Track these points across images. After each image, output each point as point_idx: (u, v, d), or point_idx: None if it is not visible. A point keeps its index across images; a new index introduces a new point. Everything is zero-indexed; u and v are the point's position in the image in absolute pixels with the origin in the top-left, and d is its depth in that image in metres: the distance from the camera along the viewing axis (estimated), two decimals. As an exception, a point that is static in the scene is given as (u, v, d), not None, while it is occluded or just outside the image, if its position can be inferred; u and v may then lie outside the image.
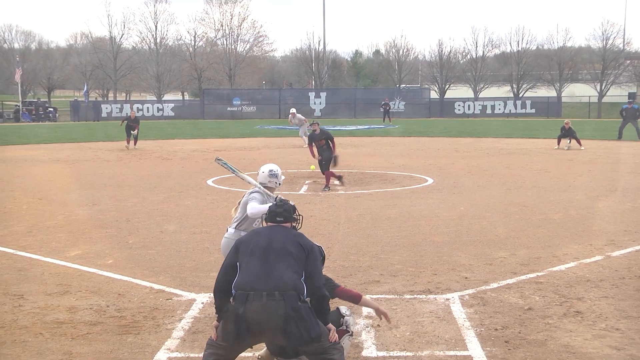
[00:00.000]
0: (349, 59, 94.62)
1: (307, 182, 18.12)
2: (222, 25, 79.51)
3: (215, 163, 7.97)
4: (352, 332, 6.02)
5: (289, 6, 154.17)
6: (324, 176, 16.79)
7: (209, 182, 18.07)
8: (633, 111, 33.90)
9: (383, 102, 55.35)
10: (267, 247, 5.35)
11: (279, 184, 7.37)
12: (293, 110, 31.85)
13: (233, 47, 79.85)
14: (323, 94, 67.18)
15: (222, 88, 72.53)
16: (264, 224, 5.93)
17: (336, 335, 5.41)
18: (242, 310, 5.08)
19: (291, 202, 5.94)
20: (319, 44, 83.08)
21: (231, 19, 79.23)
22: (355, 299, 6.03)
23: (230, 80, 75.12)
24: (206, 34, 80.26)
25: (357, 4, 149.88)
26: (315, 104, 65.14)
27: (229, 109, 63.67)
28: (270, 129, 44.83)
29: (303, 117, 31.08)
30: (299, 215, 5.93)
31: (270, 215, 5.71)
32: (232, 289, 5.27)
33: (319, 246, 5.73)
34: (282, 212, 5.70)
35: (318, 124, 17.95)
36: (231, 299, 5.28)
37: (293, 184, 17.69)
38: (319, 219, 12.94)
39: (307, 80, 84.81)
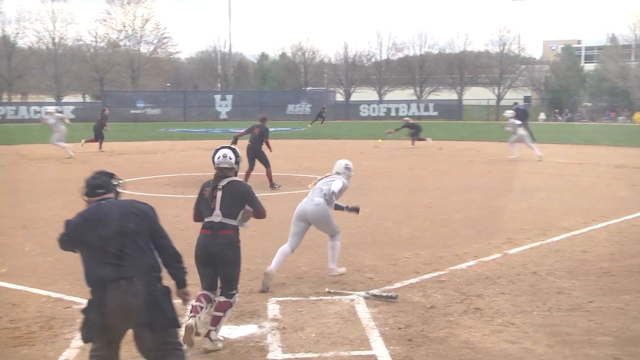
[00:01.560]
0: (255, 62, 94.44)
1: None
2: (124, 26, 77.91)
3: (118, 167, 7.82)
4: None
5: (194, 7, 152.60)
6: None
7: (112, 186, 17.70)
8: (521, 112, 35.38)
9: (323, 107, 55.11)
10: (104, 232, 4.83)
11: (340, 172, 9.52)
12: None
13: (136, 48, 78.35)
14: (229, 97, 66.81)
15: (125, 90, 71.06)
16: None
17: (191, 299, 5.32)
18: (101, 303, 4.71)
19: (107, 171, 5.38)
20: (224, 46, 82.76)
21: (134, 19, 77.76)
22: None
23: (133, 83, 73.67)
24: (108, 34, 78.46)
25: (263, 6, 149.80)
26: (221, 106, 64.69)
27: (132, 111, 62.36)
28: (175, 132, 44.25)
29: None
30: (120, 179, 5.40)
31: (90, 189, 5.13)
32: (86, 283, 4.86)
33: (145, 204, 5.24)
34: (101, 183, 5.16)
35: (265, 119, 18.62)
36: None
37: (198, 188, 17.48)
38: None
39: (212, 82, 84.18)
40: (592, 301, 7.83)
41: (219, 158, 6.77)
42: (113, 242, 4.82)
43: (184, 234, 11.72)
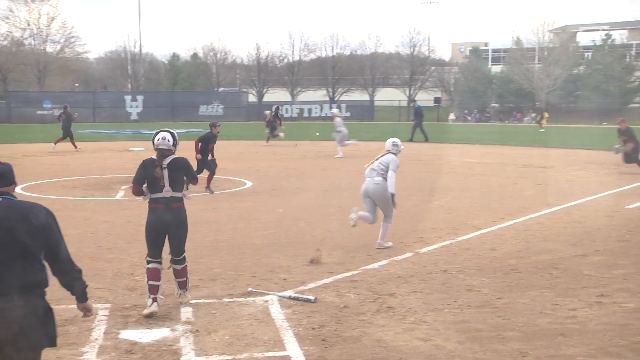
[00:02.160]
0: (166, 62, 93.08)
1: (123, 187, 17.60)
2: (29, 25, 75.36)
3: (25, 169, 7.62)
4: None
5: (103, 7, 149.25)
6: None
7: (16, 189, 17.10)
8: (417, 111, 36.43)
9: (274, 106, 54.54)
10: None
11: (399, 152, 11.11)
12: None
13: (42, 47, 75.93)
14: (140, 97, 65.65)
15: (31, 90, 68.79)
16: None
17: (91, 314, 4.89)
18: None
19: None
20: (134, 46, 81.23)
21: (39, 18, 75.33)
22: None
23: (40, 83, 71.42)
24: (11, 33, 75.70)
25: (173, 6, 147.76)
26: (131, 107, 63.50)
27: (38, 112, 60.40)
28: (85, 133, 43.11)
29: None
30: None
31: None
32: None
33: (43, 210, 4.48)
34: (3, 174, 4.48)
35: (219, 126, 17.68)
36: None
37: (109, 190, 17.16)
38: (136, 224, 12.58)
39: (123, 83, 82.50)
40: (500, 298, 8.05)
41: (158, 140, 7.48)
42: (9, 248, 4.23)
43: (94, 237, 11.47)
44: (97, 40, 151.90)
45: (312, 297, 7.94)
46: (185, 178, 7.66)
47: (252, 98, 75.35)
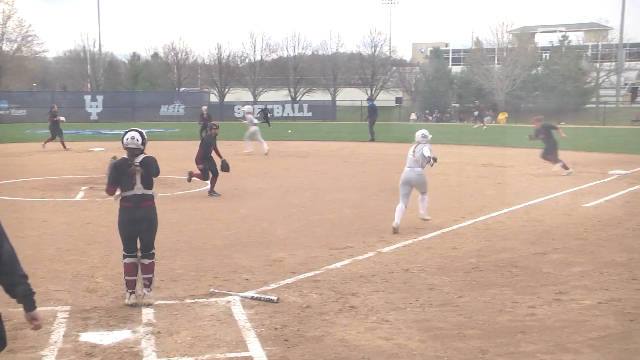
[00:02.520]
0: (126, 62, 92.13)
1: (83, 188, 17.41)
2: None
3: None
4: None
5: (61, 6, 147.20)
6: (209, 182, 16.50)
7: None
8: (371, 109, 36.82)
9: (264, 107, 54.28)
10: None
11: (429, 141, 12.71)
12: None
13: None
14: (100, 97, 64.95)
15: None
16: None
17: (41, 325, 4.65)
18: None
19: None
20: (94, 45, 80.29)
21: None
22: None
23: (-5, 82, 70.20)
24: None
25: (133, 5, 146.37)
26: (91, 107, 62.77)
27: (-6, 112, 59.43)
28: (43, 134, 42.47)
29: None
30: None
31: None
32: None
33: None
34: None
35: (218, 127, 17.55)
36: None
37: (68, 191, 16.94)
38: (96, 225, 12.50)
39: (82, 82, 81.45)
40: (461, 296, 8.13)
41: (127, 140, 7.68)
42: None
43: (53, 238, 11.32)
44: (55, 39, 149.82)
45: (274, 298, 7.93)
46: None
47: (213, 98, 74.95)
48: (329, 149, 30.83)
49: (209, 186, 16.51)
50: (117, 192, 7.78)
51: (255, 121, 28.53)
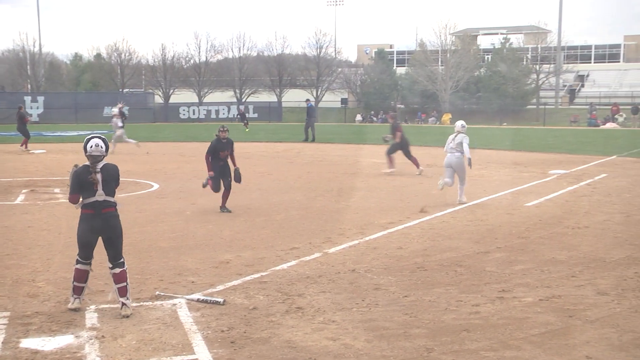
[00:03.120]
0: (68, 62, 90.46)
1: (24, 191, 17.03)
2: None
3: None
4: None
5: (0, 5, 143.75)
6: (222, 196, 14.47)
7: None
8: (310, 109, 37.25)
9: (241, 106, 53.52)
10: None
11: (460, 131, 15.39)
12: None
13: None
14: (41, 98, 63.68)
15: None
16: None
17: None
18: None
19: None
20: (34, 45, 78.62)
21: None
22: None
23: None
24: None
25: (74, 4, 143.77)
26: (32, 108, 61.41)
27: None
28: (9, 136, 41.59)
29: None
30: None
31: None
32: None
33: None
34: None
35: (227, 130, 14.53)
36: None
37: (8, 194, 16.56)
38: (37, 229, 12.26)
39: (22, 83, 79.66)
40: (407, 295, 8.21)
41: (91, 147, 7.60)
42: None
43: (-9, 243, 11.06)
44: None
45: (220, 300, 7.89)
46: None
47: (158, 99, 74.14)
48: (274, 150, 30.79)
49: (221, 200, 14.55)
50: (79, 201, 7.67)
51: (120, 124, 29.33)
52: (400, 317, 7.40)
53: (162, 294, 8.18)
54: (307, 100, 41.97)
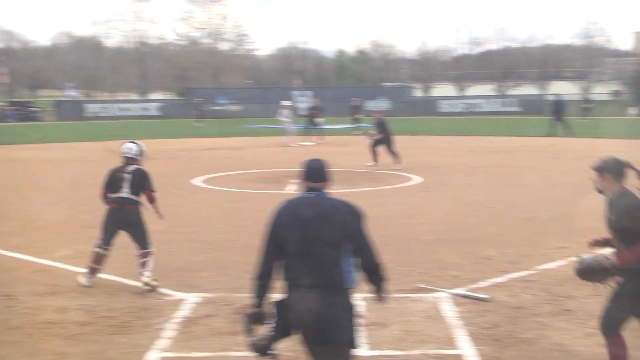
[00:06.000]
0: (334, 57, 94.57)
1: (292, 180, 17.99)
2: (207, 25, 79.17)
3: (204, 162, 8.20)
4: None
5: (272, 5, 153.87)
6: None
7: (196, 181, 17.96)
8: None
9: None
10: (309, 232, 4.63)
11: None
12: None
13: (216, 46, 79.48)
14: (309, 93, 67.20)
15: (206, 87, 71.79)
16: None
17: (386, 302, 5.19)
18: (289, 307, 4.60)
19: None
20: (302, 42, 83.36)
21: (210, 17, 78.86)
22: None
23: (216, 79, 74.78)
24: (189, 33, 79.99)
25: (336, 4, 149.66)
26: (299, 102, 65.09)
27: (213, 108, 62.94)
28: (256, 128, 44.75)
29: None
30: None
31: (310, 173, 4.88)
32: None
33: (354, 208, 4.91)
34: (322, 170, 4.89)
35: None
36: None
37: (278, 183, 17.52)
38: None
39: (291, 79, 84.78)
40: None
41: (124, 149, 8.61)
42: (313, 245, 4.55)
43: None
44: (267, 37, 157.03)
45: (485, 296, 7.79)
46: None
47: (417, 92, 74.96)
48: (537, 144, 29.71)
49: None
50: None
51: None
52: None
53: (425, 286, 8.25)
54: (556, 94, 40.07)
